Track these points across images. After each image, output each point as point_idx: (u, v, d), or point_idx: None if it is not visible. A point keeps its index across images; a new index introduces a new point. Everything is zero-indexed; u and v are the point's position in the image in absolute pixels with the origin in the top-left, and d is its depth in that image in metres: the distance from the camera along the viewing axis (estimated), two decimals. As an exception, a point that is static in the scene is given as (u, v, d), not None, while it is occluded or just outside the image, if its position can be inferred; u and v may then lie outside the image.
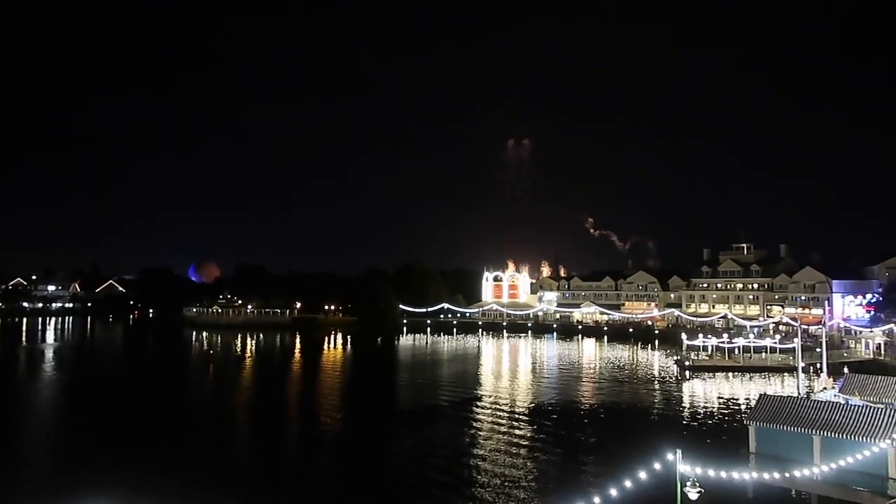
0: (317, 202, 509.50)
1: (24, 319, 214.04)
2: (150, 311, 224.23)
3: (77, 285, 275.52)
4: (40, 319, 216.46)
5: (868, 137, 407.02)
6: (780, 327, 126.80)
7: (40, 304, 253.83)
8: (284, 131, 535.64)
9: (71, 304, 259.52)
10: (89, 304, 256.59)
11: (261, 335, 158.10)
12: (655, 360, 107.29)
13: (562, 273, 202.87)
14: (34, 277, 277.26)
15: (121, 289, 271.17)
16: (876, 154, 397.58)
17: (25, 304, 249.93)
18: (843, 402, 39.79)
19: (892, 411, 33.97)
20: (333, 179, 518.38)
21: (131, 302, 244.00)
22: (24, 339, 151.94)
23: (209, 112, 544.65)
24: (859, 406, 35.89)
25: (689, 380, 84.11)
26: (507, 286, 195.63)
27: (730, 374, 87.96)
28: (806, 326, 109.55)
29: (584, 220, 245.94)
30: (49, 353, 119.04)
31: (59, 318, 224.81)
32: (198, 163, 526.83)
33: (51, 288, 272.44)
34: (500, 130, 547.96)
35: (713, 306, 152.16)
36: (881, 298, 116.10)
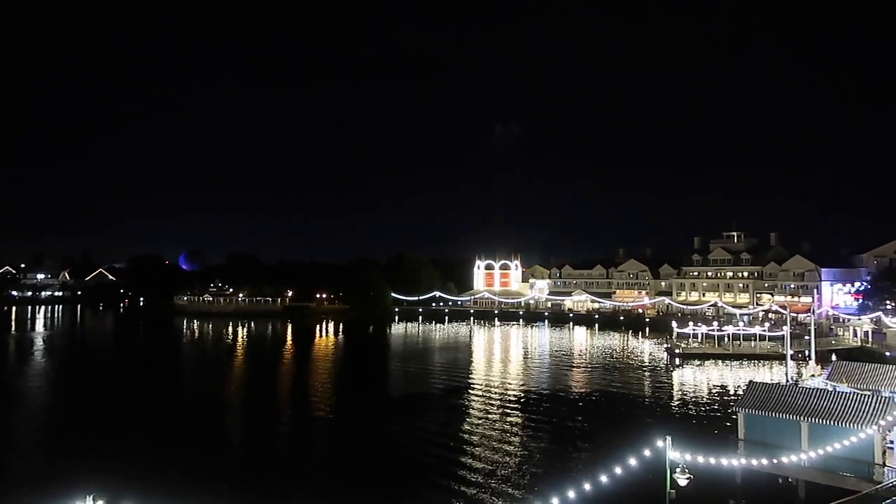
0: (309, 192, 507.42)
1: (14, 308, 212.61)
2: (141, 299, 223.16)
3: (66, 273, 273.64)
4: (29, 308, 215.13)
5: (859, 129, 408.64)
6: (770, 315, 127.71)
7: (29, 293, 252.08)
8: (275, 122, 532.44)
9: (60, 293, 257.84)
10: (79, 293, 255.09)
11: (252, 323, 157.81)
12: (646, 348, 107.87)
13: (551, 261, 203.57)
14: (23, 266, 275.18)
15: (111, 277, 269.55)
16: (867, 144, 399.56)
17: (14, 293, 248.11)
18: (830, 389, 40.21)
19: (879, 398, 34.37)
20: (324, 169, 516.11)
21: (121, 290, 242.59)
22: (13, 327, 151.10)
23: (202, 102, 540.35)
24: (847, 393, 36.25)
25: (678, 367, 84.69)
26: (499, 274, 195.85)
27: (719, 361, 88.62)
28: (795, 314, 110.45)
29: (573, 209, 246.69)
30: (39, 342, 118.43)
31: (49, 307, 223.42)
32: (190, 152, 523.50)
33: (40, 276, 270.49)
34: (490, 115, 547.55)
35: (703, 294, 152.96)
36: (869, 286, 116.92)
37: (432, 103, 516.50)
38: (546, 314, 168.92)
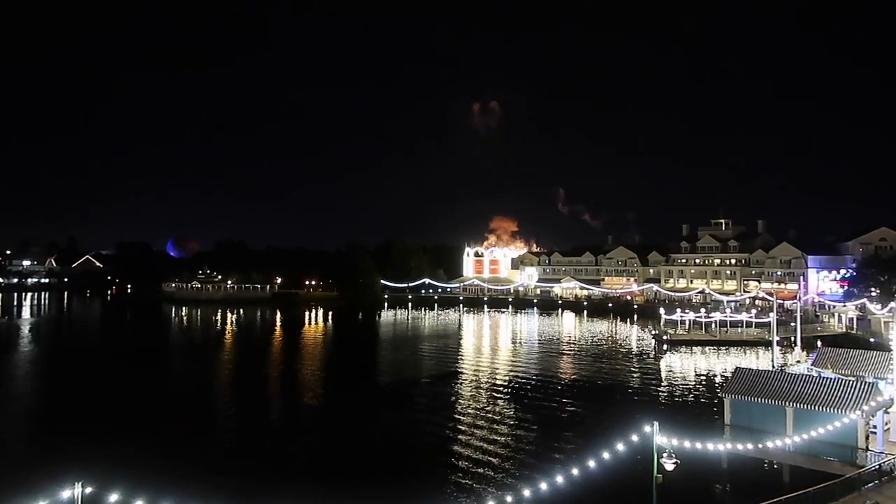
0: (297, 178, 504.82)
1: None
2: (129, 286, 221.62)
3: (53, 260, 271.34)
4: (15, 294, 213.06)
5: (849, 118, 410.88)
6: (756, 302, 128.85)
7: (15, 280, 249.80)
8: (263, 108, 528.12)
9: (47, 280, 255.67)
10: (66, 280, 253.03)
11: (241, 310, 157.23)
12: (634, 335, 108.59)
13: (536, 248, 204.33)
14: (8, 252, 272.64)
15: (98, 264, 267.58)
16: (855, 132, 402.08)
17: (0, 280, 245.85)
18: (815, 375, 40.60)
19: (863, 384, 34.81)
20: (313, 155, 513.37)
21: (109, 277, 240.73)
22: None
23: (189, 88, 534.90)
24: (831, 379, 36.63)
25: (666, 354, 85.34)
26: (488, 261, 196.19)
27: (706, 348, 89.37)
28: (781, 301, 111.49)
29: (558, 196, 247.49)
30: (25, 329, 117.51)
31: (35, 294, 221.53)
32: (178, 138, 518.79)
33: (26, 263, 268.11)
34: (471, 97, 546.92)
35: (691, 281, 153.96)
36: (854, 273, 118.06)
37: (423, 90, 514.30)
38: (535, 301, 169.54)
